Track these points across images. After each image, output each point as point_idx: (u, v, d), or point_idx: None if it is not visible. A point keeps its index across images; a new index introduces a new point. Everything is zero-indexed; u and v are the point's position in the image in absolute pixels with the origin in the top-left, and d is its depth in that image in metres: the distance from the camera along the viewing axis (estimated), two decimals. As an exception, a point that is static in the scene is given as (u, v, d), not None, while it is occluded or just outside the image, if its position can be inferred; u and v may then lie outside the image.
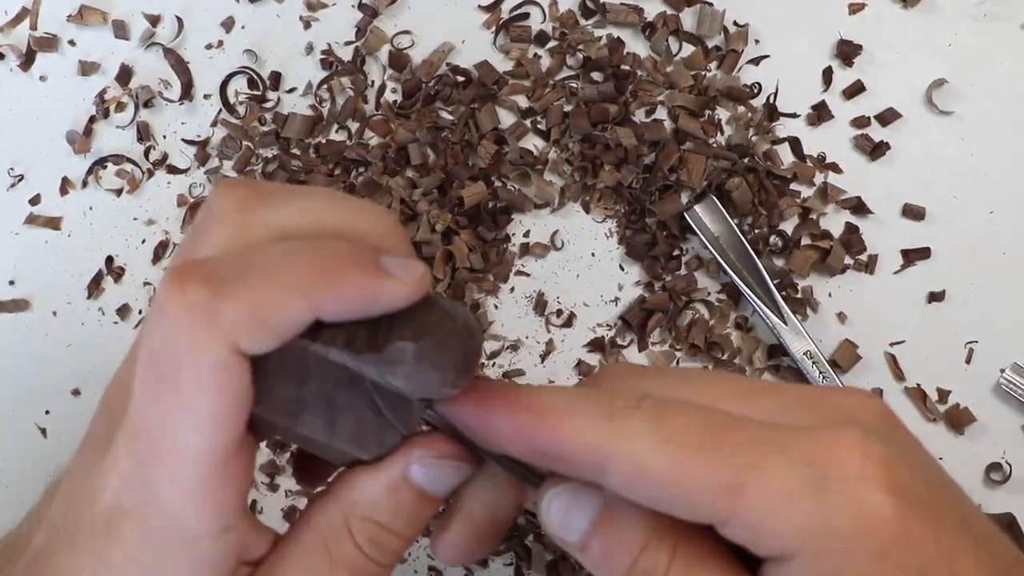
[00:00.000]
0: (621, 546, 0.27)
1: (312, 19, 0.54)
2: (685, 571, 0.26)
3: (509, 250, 0.52)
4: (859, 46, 0.53)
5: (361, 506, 0.28)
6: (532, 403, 0.27)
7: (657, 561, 0.26)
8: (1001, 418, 0.51)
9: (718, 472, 0.25)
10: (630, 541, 0.27)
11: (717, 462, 0.25)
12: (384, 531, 0.29)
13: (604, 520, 0.27)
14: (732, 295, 0.51)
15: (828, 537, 0.25)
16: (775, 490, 0.25)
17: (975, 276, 0.52)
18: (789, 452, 0.25)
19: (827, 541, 0.25)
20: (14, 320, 0.52)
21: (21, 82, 0.54)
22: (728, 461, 0.25)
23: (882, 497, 0.25)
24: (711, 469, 0.25)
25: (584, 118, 0.51)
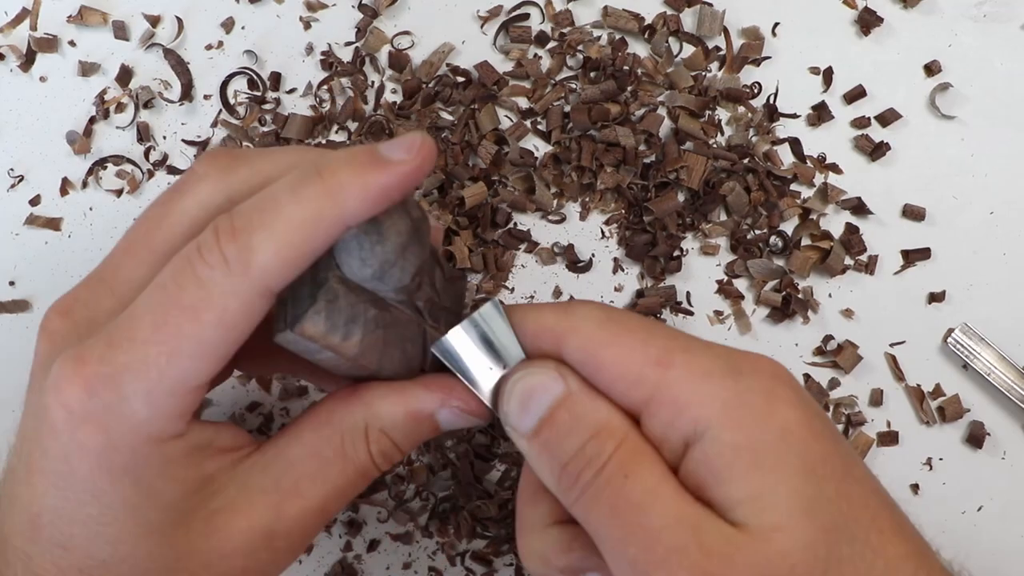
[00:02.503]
0: (573, 430, 0.29)
1: (312, 20, 0.54)
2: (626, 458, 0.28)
3: (509, 251, 0.52)
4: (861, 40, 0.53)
5: (383, 420, 0.31)
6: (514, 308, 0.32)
7: (603, 447, 0.29)
8: (1001, 423, 0.51)
9: (650, 348, 0.29)
10: (582, 426, 0.29)
11: (651, 340, 0.29)
12: (394, 447, 0.32)
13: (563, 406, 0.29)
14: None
15: (741, 410, 0.28)
16: (697, 367, 0.28)
17: (975, 276, 0.52)
18: (711, 346, 0.29)
19: (740, 413, 0.27)
20: (14, 320, 0.52)
21: (21, 83, 0.54)
22: (660, 341, 0.29)
23: (790, 392, 0.28)
24: (645, 345, 0.29)
25: (584, 115, 0.51)
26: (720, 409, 0.28)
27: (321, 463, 0.31)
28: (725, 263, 0.52)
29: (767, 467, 0.27)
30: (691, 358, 0.28)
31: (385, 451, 0.32)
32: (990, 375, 0.50)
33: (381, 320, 0.30)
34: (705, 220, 0.52)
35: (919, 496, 0.50)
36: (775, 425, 0.27)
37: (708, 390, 0.28)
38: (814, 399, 0.30)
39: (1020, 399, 0.50)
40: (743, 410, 0.27)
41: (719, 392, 0.28)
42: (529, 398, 0.30)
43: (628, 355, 0.29)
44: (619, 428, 0.29)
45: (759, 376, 0.28)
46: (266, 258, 0.27)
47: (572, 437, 0.29)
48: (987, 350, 0.50)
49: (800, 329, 0.51)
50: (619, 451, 0.28)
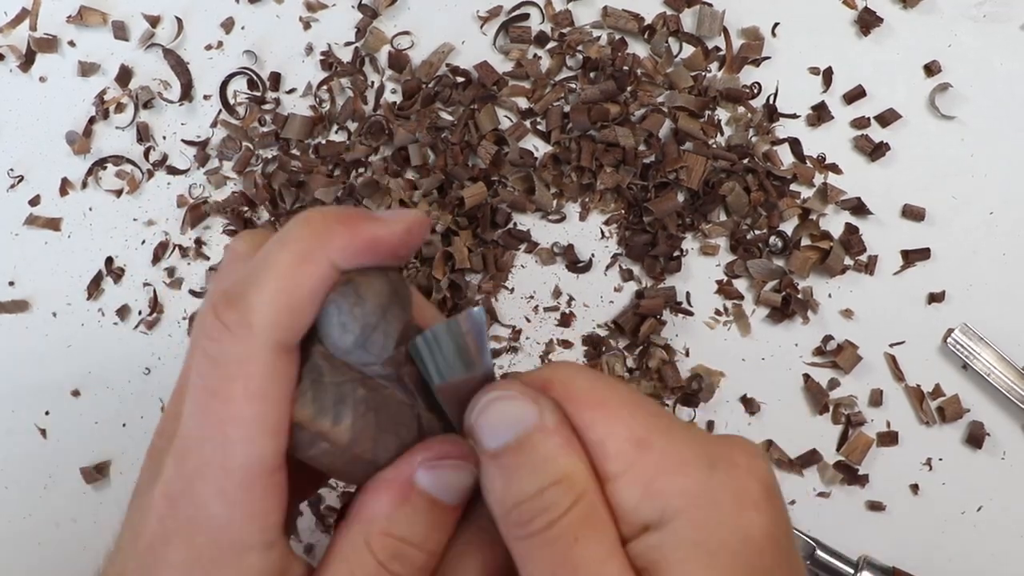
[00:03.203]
0: (536, 469, 0.27)
1: (312, 20, 0.54)
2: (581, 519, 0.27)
3: (509, 251, 0.52)
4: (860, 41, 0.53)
5: (377, 522, 0.29)
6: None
7: (563, 498, 0.27)
8: (1001, 423, 0.51)
9: (634, 424, 0.28)
10: (547, 469, 0.27)
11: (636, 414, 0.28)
12: (405, 545, 0.29)
13: (532, 439, 0.28)
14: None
15: (708, 508, 0.27)
16: (674, 454, 0.27)
17: (975, 276, 0.52)
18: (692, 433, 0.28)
19: (706, 511, 0.27)
20: (14, 321, 0.52)
21: (21, 83, 0.54)
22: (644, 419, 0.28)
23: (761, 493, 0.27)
24: (631, 418, 0.28)
25: (584, 115, 0.51)
26: (689, 503, 0.27)
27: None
28: (725, 263, 0.52)
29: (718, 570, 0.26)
30: (669, 444, 0.27)
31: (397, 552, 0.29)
32: (990, 375, 0.50)
33: (371, 401, 0.29)
34: (705, 220, 0.52)
35: (919, 496, 0.50)
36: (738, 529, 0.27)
37: (679, 482, 0.27)
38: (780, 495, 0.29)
39: (1020, 399, 0.50)
40: (710, 509, 0.27)
41: (691, 485, 0.27)
42: (503, 417, 0.28)
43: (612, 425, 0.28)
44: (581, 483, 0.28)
45: (733, 472, 0.27)
46: (265, 312, 0.27)
47: (534, 476, 0.27)
48: (987, 350, 0.50)
49: (800, 329, 0.51)
50: (575, 508, 0.27)
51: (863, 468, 0.50)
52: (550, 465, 0.27)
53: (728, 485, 0.27)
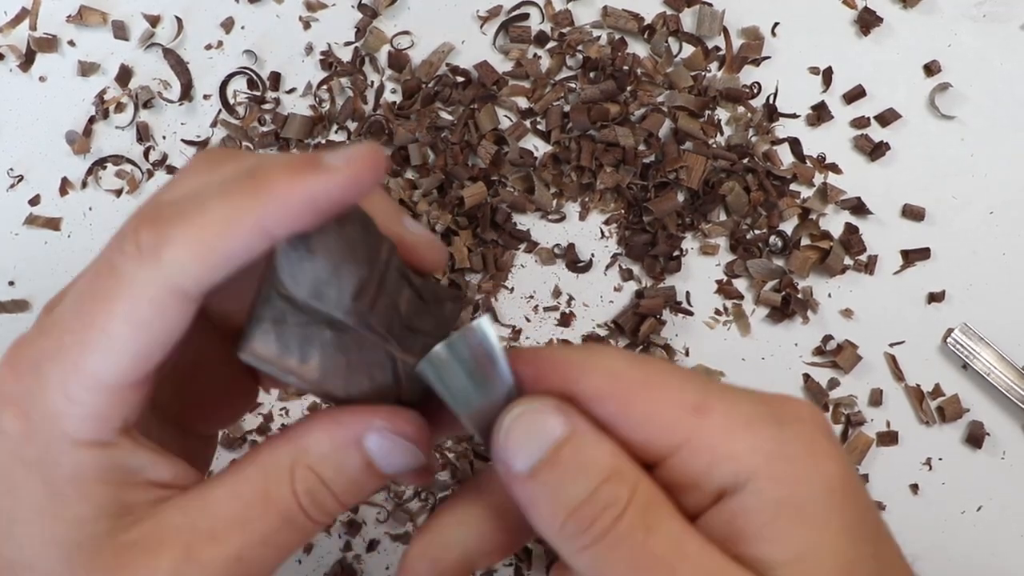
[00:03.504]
0: (581, 474, 0.26)
1: (312, 19, 0.54)
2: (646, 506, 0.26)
3: (509, 251, 0.52)
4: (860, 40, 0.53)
5: (309, 455, 0.28)
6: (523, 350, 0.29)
7: (618, 494, 0.26)
8: (1001, 423, 0.51)
9: (687, 392, 0.27)
10: (593, 468, 0.26)
11: (687, 383, 0.27)
12: (323, 488, 0.28)
13: (567, 446, 0.27)
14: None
15: (785, 463, 0.26)
16: (738, 414, 0.26)
17: (975, 276, 0.52)
18: (749, 393, 0.27)
19: (784, 467, 0.26)
20: (14, 320, 0.52)
21: (21, 83, 0.54)
22: (695, 385, 0.27)
23: (831, 443, 0.27)
24: (681, 388, 0.27)
25: (584, 114, 0.51)
26: (764, 461, 0.26)
27: (241, 505, 0.28)
28: (725, 263, 0.52)
29: (811, 526, 0.25)
30: (730, 406, 0.26)
31: (313, 490, 0.28)
32: (989, 375, 0.50)
33: (340, 343, 0.28)
34: (705, 220, 0.52)
35: (919, 496, 0.50)
36: (820, 481, 0.26)
37: (750, 440, 0.26)
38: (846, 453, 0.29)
39: (1019, 399, 0.50)
40: (787, 463, 0.26)
41: (762, 443, 0.26)
42: (529, 435, 0.27)
43: (663, 397, 0.26)
44: (631, 473, 0.26)
45: (801, 426, 0.27)
46: (178, 252, 0.25)
47: (581, 480, 0.26)
48: (987, 350, 0.50)
49: (800, 329, 0.51)
50: (636, 498, 0.26)
51: (863, 468, 0.50)
52: (595, 464, 0.26)
53: (800, 438, 0.26)
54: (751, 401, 0.27)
